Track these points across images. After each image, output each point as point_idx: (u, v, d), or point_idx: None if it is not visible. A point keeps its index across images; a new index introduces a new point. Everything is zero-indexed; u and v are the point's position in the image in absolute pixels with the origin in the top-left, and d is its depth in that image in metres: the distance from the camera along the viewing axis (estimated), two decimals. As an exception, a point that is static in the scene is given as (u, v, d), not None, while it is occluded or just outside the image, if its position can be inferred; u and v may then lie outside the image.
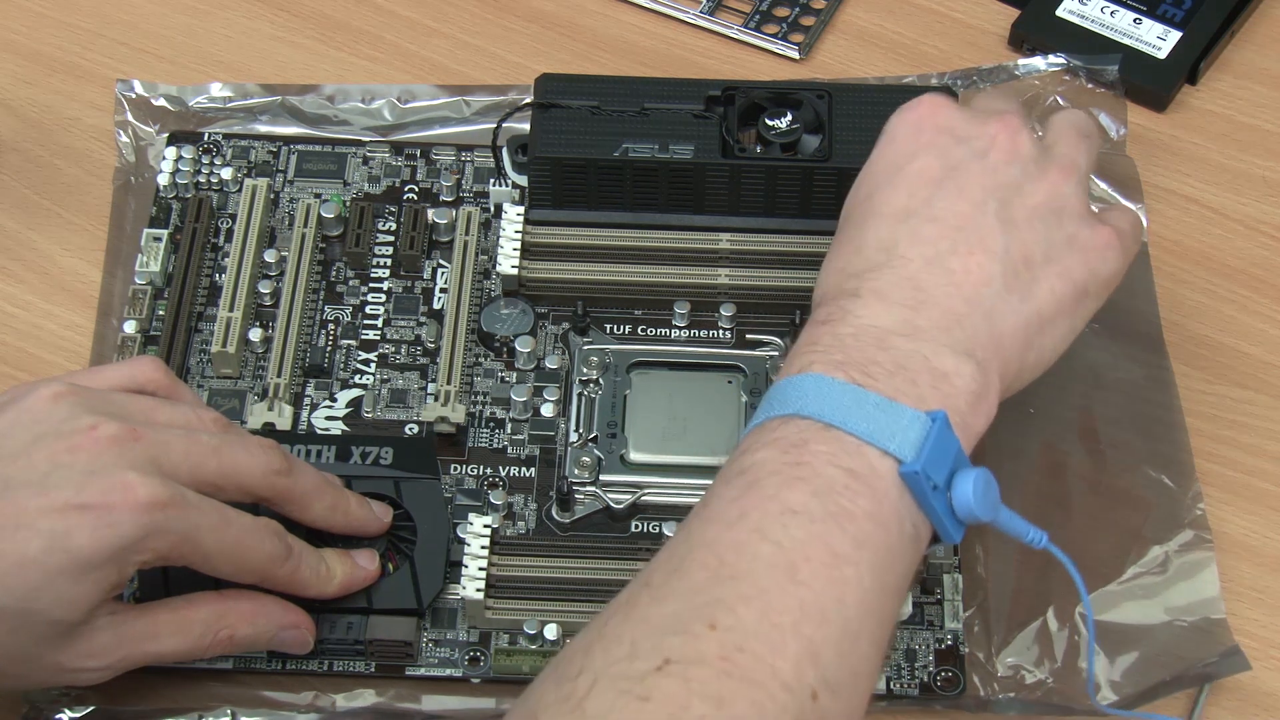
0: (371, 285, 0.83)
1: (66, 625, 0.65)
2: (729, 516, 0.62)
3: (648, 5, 0.95)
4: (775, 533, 0.61)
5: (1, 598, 0.63)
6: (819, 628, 0.60)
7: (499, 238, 0.82)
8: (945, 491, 0.64)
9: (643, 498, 0.76)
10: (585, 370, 0.80)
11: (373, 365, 0.81)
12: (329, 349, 0.81)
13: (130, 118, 0.89)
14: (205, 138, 0.88)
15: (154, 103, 0.89)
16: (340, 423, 0.79)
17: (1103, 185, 0.87)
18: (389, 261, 0.84)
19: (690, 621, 0.59)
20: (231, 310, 0.80)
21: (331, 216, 0.84)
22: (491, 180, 0.86)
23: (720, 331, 0.81)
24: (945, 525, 0.64)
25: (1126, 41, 0.92)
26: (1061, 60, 0.90)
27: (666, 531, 0.75)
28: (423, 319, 0.82)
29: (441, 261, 0.84)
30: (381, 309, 0.83)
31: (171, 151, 0.86)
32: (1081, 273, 0.71)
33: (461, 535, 0.74)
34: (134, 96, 0.89)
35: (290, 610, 0.71)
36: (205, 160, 0.87)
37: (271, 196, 0.85)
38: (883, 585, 0.62)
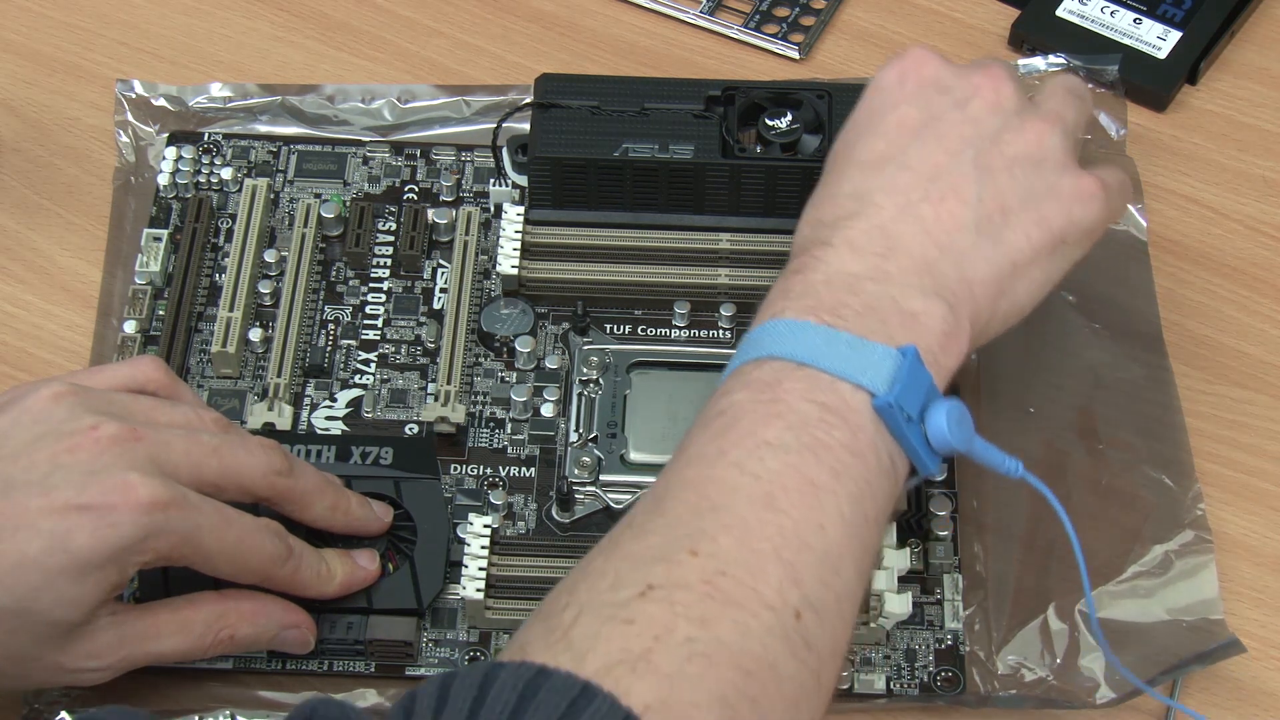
0: (371, 285, 0.83)
1: (67, 625, 0.65)
2: (708, 455, 0.63)
3: (648, 5, 0.95)
4: (752, 466, 0.62)
5: (2, 598, 0.63)
6: (799, 553, 0.60)
7: (499, 238, 0.82)
8: (920, 424, 0.65)
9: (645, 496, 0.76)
10: (585, 370, 0.80)
11: (373, 365, 0.81)
12: (329, 349, 0.81)
13: (130, 118, 0.89)
14: (205, 138, 0.88)
15: (154, 103, 0.89)
16: (340, 423, 0.79)
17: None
18: (389, 261, 0.84)
19: (672, 550, 0.60)
20: (231, 310, 0.80)
21: (331, 216, 0.84)
22: (491, 180, 0.86)
23: (720, 331, 0.81)
24: (921, 457, 0.65)
25: (1126, 41, 0.92)
26: (1061, 60, 0.90)
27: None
28: (423, 319, 0.82)
29: (441, 261, 0.84)
30: (381, 309, 0.83)
31: (171, 151, 0.86)
32: (1060, 220, 0.71)
33: (461, 535, 0.74)
34: (134, 96, 0.89)
35: (291, 610, 0.71)
36: (205, 160, 0.87)
37: (271, 196, 0.85)
38: (864, 515, 0.63)
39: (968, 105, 0.72)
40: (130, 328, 0.81)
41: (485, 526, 0.74)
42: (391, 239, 0.85)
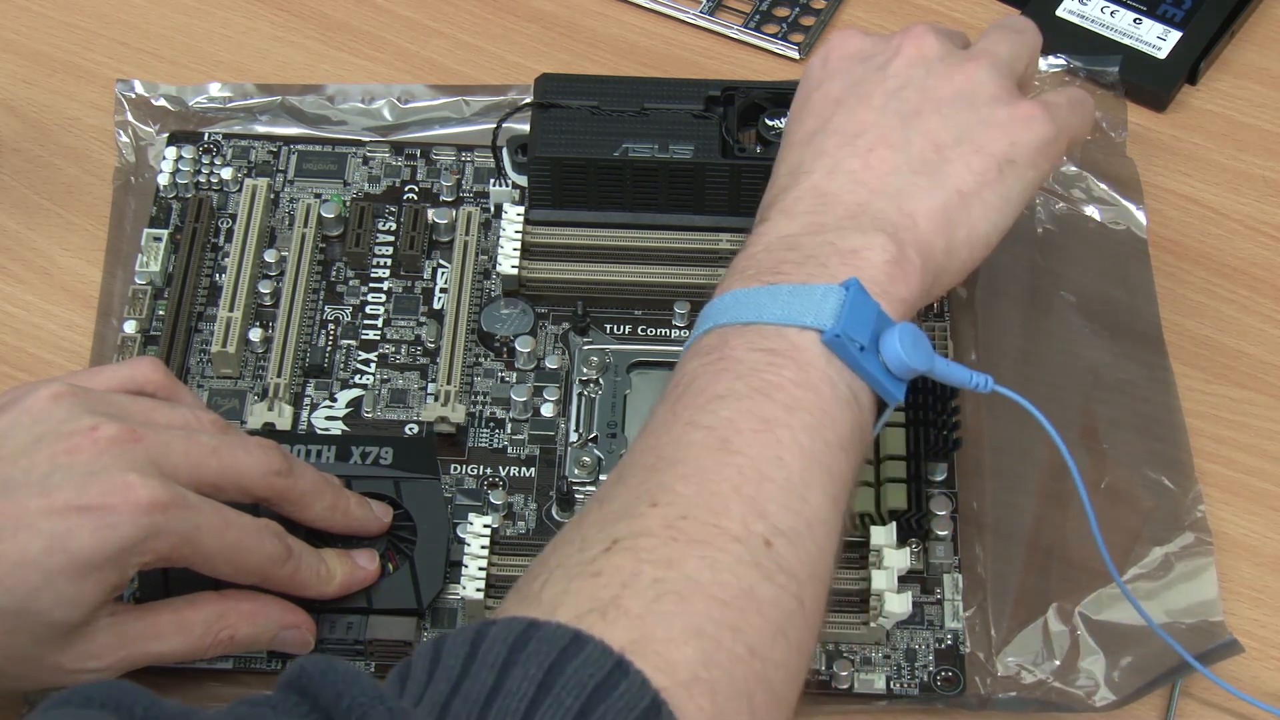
0: (371, 285, 0.83)
1: (67, 626, 0.65)
2: (664, 421, 0.64)
3: (648, 5, 0.95)
4: (705, 419, 0.62)
5: (2, 598, 0.63)
6: (760, 485, 0.60)
7: (499, 238, 0.82)
8: (876, 353, 0.65)
9: (643, 498, 0.76)
10: (585, 370, 0.80)
11: (373, 365, 0.81)
12: (329, 349, 0.81)
13: (130, 118, 0.89)
14: (205, 138, 0.88)
15: (154, 103, 0.89)
16: (340, 423, 0.79)
17: (1102, 186, 0.87)
18: (389, 261, 0.84)
19: (633, 506, 0.60)
20: (231, 310, 0.80)
21: (331, 216, 0.84)
22: (491, 180, 0.86)
23: (720, 331, 0.81)
24: (882, 384, 0.65)
25: (1126, 41, 0.92)
26: (1061, 60, 0.90)
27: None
28: (423, 319, 0.82)
29: (441, 261, 0.84)
30: (381, 309, 0.83)
31: (171, 151, 0.86)
32: (1000, 145, 0.71)
33: (461, 535, 0.74)
34: (134, 96, 0.89)
35: (290, 610, 0.71)
36: (205, 160, 0.87)
37: (271, 196, 0.85)
38: (825, 444, 0.63)
39: (889, 65, 0.73)
40: (130, 328, 0.81)
41: (485, 526, 0.74)
42: (391, 239, 0.85)
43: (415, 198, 0.86)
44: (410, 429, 0.79)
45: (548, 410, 0.79)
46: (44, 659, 0.66)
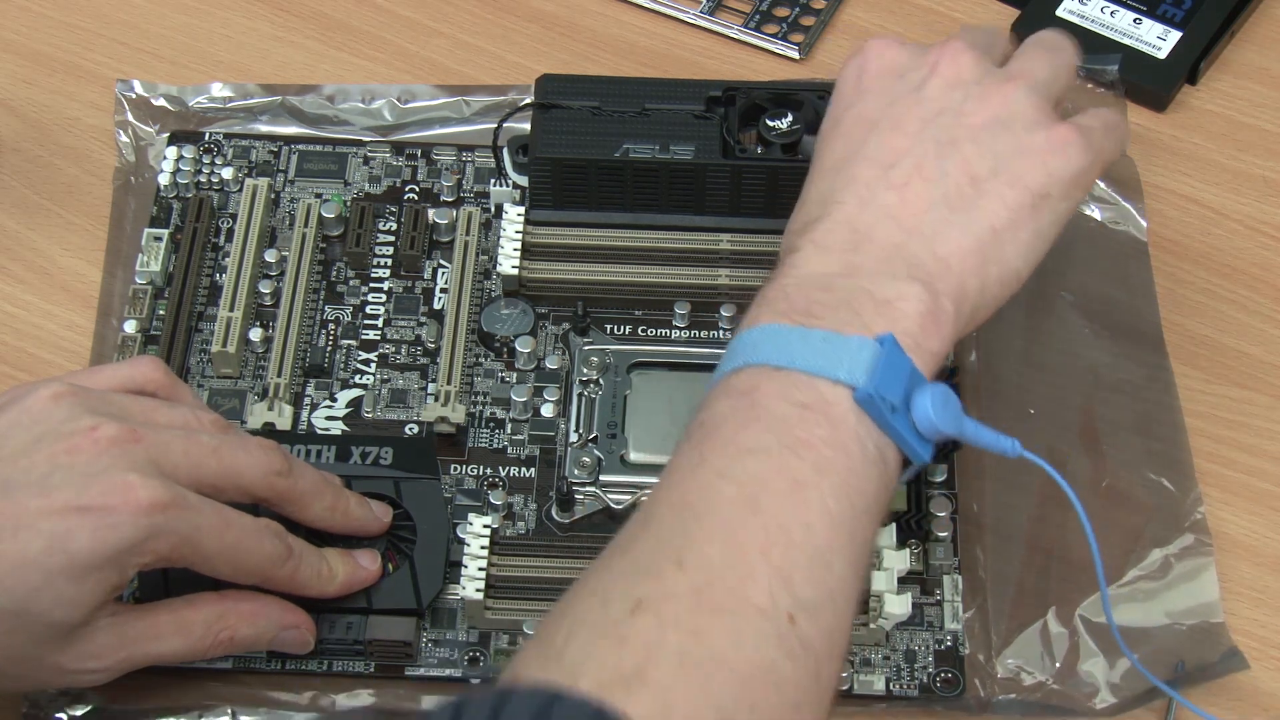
0: (372, 285, 0.83)
1: (67, 627, 0.65)
2: (689, 465, 0.63)
3: (648, 5, 0.95)
4: (734, 472, 0.62)
5: (1, 599, 0.63)
6: (786, 551, 0.60)
7: (499, 238, 0.82)
8: (906, 412, 0.64)
9: (642, 498, 0.76)
10: (585, 370, 0.80)
11: (373, 365, 0.81)
12: (329, 349, 0.81)
13: (130, 118, 0.89)
14: (206, 138, 0.88)
15: (154, 103, 0.89)
16: (340, 423, 0.79)
17: (1102, 186, 0.87)
18: (389, 261, 0.84)
19: (658, 563, 0.59)
20: (232, 310, 0.80)
21: (332, 216, 0.84)
22: (492, 180, 0.86)
23: (720, 332, 0.81)
24: (911, 445, 0.64)
25: (1126, 41, 0.92)
26: (1061, 60, 0.90)
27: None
28: (423, 319, 0.82)
29: (442, 261, 0.84)
30: (382, 309, 0.83)
31: (172, 151, 0.86)
32: (1037, 176, 0.69)
33: (461, 535, 0.75)
34: (134, 96, 0.89)
35: (290, 610, 0.71)
36: (206, 160, 0.87)
37: (272, 196, 0.85)
38: (851, 508, 0.62)
39: (925, 86, 0.71)
40: (130, 328, 0.81)
41: (485, 527, 0.74)
42: (392, 239, 0.85)
43: (416, 198, 0.86)
44: (410, 429, 0.79)
45: (548, 410, 0.79)
46: (44, 659, 0.66)
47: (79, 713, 0.71)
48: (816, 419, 0.63)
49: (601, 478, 0.77)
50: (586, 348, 0.81)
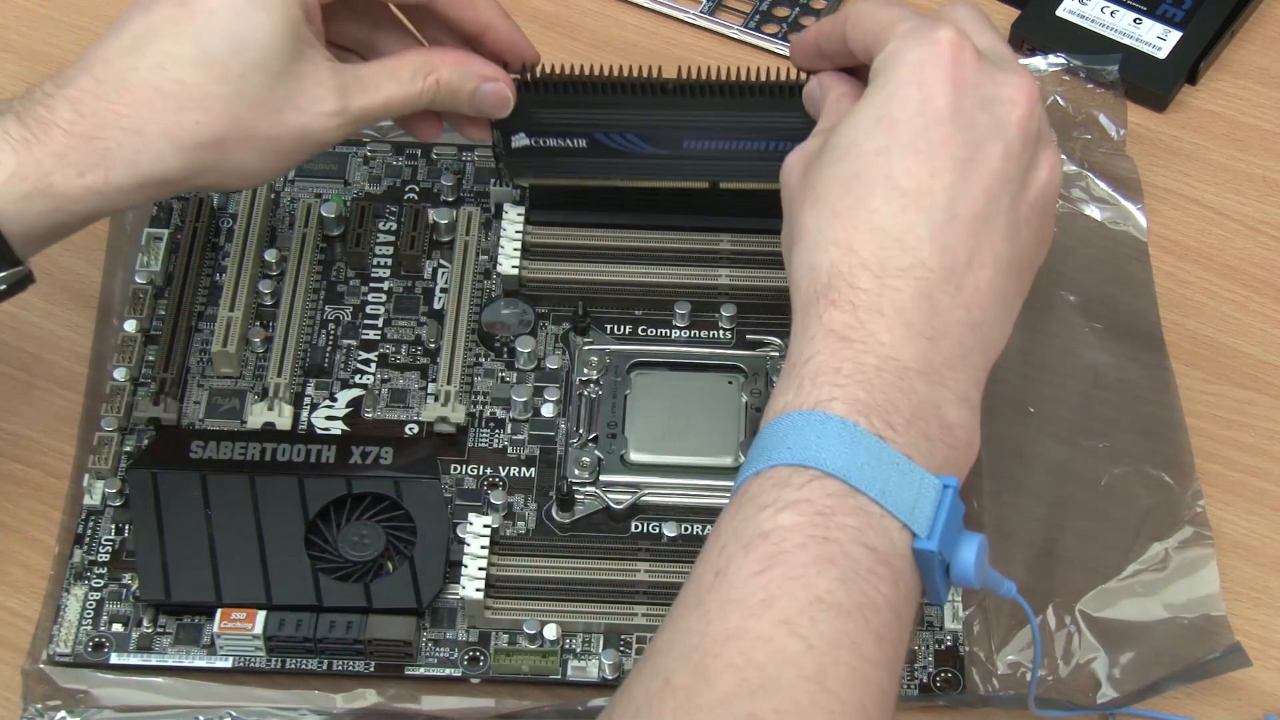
0: (372, 285, 0.83)
1: (278, 49, 0.69)
2: (752, 599, 0.58)
3: (648, 5, 0.95)
4: (804, 627, 0.58)
5: (210, 43, 0.68)
6: None
7: (499, 238, 0.82)
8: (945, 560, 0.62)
9: (643, 498, 0.76)
10: (585, 370, 0.80)
11: (373, 365, 0.81)
12: (329, 349, 0.81)
13: (131, 117, 0.88)
14: (205, 138, 0.88)
15: (154, 103, 0.89)
16: (340, 423, 0.79)
17: (1103, 185, 0.87)
18: (389, 261, 0.84)
19: None
20: (232, 310, 0.80)
21: (332, 216, 0.84)
22: (492, 180, 0.86)
23: (720, 332, 0.81)
24: (939, 590, 0.62)
25: (1126, 41, 0.92)
26: (1061, 60, 0.90)
27: (666, 532, 0.75)
28: (423, 319, 0.82)
29: (442, 261, 0.84)
30: (382, 309, 0.83)
31: (172, 151, 0.86)
32: (1042, 257, 0.69)
33: (461, 535, 0.75)
34: (134, 96, 0.89)
35: (491, 65, 0.75)
36: (205, 160, 0.87)
37: (272, 196, 0.85)
38: (894, 677, 0.60)
39: (1005, 130, 0.66)
40: (130, 327, 0.81)
41: (485, 526, 0.74)
42: (392, 239, 0.85)
43: (416, 197, 0.86)
44: (410, 429, 0.79)
45: (548, 410, 0.79)
46: (274, 96, 0.70)
47: (79, 713, 0.71)
48: (884, 573, 0.60)
49: (601, 477, 0.77)
50: (586, 348, 0.81)
